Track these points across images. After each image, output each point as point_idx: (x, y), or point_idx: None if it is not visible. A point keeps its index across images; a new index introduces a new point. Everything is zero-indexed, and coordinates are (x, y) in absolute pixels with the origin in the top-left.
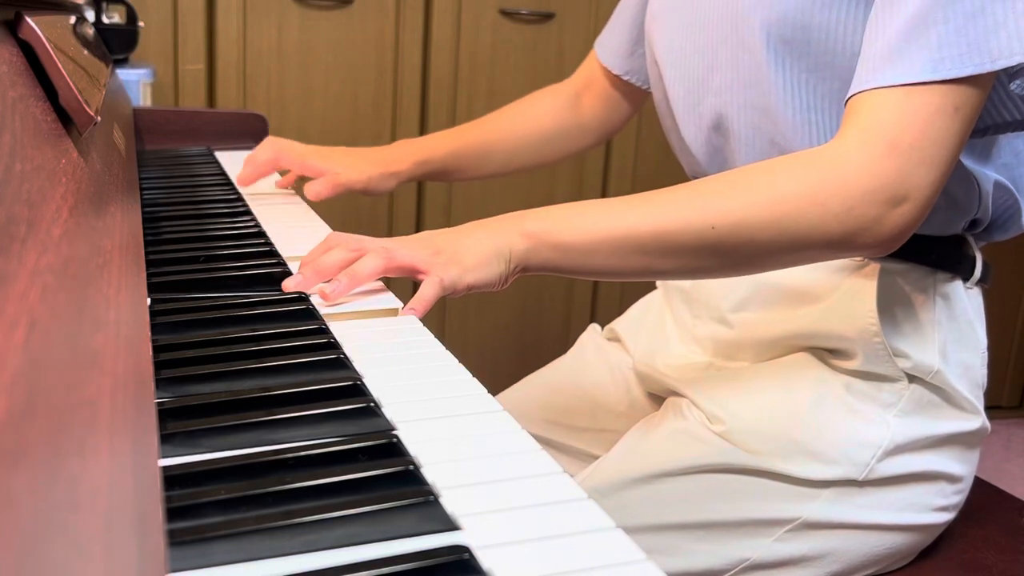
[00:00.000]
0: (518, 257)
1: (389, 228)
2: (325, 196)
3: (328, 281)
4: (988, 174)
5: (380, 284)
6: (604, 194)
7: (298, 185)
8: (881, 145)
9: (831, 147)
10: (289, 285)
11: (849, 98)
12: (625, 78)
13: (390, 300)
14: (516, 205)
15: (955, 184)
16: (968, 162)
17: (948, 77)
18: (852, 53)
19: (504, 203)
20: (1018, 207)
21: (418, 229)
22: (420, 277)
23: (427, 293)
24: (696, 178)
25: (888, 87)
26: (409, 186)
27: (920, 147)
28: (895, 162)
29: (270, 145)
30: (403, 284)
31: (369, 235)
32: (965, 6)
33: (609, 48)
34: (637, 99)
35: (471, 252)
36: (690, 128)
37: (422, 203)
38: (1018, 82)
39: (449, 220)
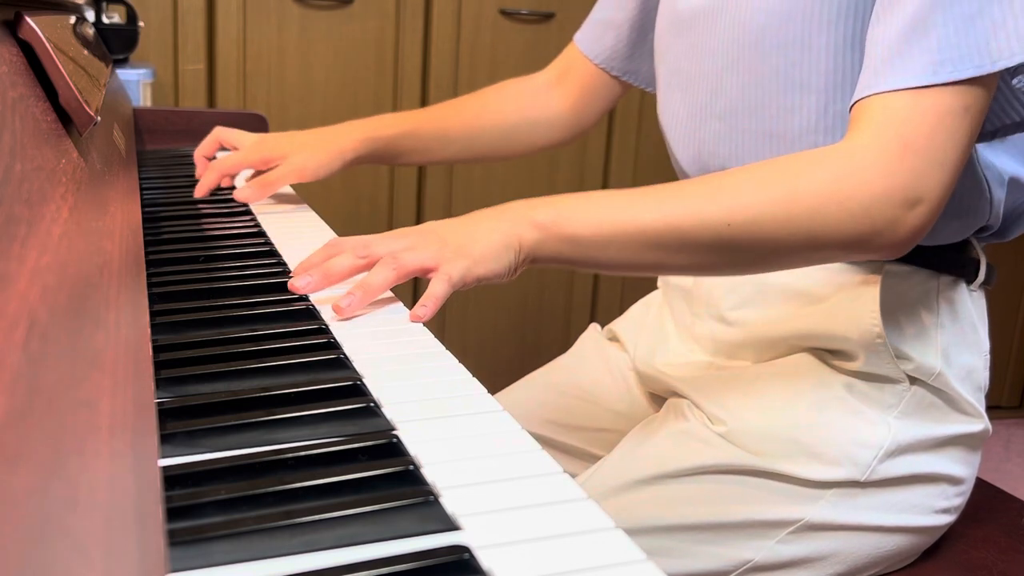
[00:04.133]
0: (528, 248)
1: (389, 223)
2: (257, 199)
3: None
4: (1004, 169)
5: (390, 294)
6: (606, 184)
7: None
8: (895, 146)
9: (845, 147)
10: (297, 286)
11: (855, 103)
12: (624, 79)
13: (399, 309)
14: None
15: (966, 194)
16: (986, 153)
17: (950, 80)
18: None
19: (505, 198)
20: None
21: (419, 224)
22: (430, 276)
23: (437, 291)
24: None
25: (896, 91)
26: (409, 181)
27: (932, 148)
28: (909, 163)
29: (213, 140)
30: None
31: (369, 230)
32: (963, 8)
33: (605, 46)
34: (616, 95)
35: (479, 243)
36: (689, 150)
37: (422, 198)
38: (1021, 77)
39: (450, 215)
